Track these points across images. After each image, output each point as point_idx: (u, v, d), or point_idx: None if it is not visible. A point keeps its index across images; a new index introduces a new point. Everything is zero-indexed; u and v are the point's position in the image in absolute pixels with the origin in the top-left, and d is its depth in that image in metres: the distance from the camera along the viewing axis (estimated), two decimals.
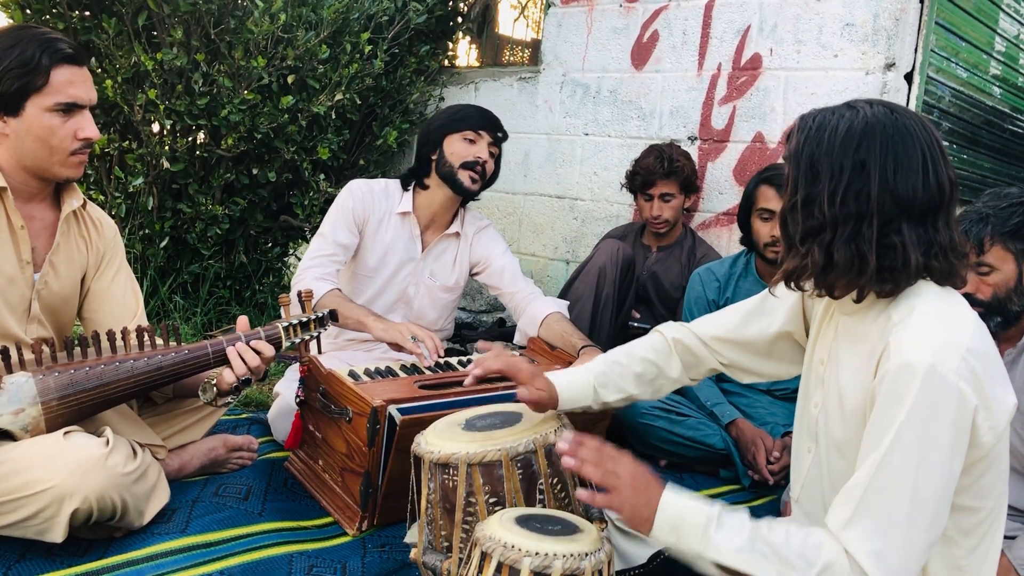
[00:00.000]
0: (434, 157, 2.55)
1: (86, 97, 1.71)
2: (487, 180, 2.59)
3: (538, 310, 2.50)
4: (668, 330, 1.68)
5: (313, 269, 2.42)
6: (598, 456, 1.33)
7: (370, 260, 2.57)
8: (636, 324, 2.98)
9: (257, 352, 1.81)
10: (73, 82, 1.68)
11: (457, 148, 2.52)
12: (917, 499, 1.16)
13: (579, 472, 1.33)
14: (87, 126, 1.71)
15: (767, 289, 1.59)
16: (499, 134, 2.59)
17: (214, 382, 1.82)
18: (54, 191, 1.83)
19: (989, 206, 1.80)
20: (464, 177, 2.51)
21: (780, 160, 2.91)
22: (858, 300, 1.28)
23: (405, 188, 2.62)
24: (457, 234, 2.66)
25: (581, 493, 1.32)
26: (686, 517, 1.26)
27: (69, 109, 1.68)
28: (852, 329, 1.35)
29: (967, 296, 1.79)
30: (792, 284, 1.34)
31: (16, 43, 1.63)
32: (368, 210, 2.55)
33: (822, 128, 1.27)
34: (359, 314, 2.33)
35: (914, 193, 1.21)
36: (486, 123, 2.55)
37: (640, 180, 2.99)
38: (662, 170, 2.93)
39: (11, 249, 1.72)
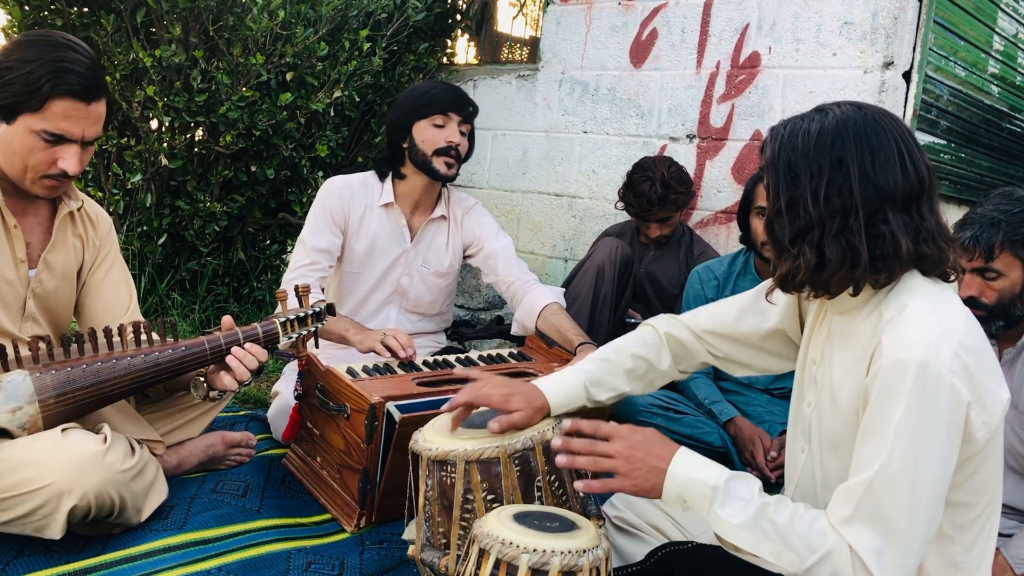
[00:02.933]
0: (405, 146, 2.49)
1: (78, 133, 1.66)
2: (463, 160, 2.52)
3: (535, 301, 2.47)
4: (660, 324, 1.68)
5: (294, 283, 2.40)
6: (589, 445, 1.34)
7: (356, 257, 2.53)
8: (633, 322, 2.98)
9: (252, 354, 1.81)
10: (69, 116, 1.63)
11: (428, 135, 2.44)
12: (915, 496, 1.16)
13: (574, 467, 1.35)
14: (69, 159, 1.67)
15: (761, 286, 1.59)
16: (469, 110, 2.50)
17: (203, 379, 1.82)
18: None
19: (1001, 210, 1.80)
20: (439, 164, 2.45)
21: None
22: (855, 293, 1.28)
23: (381, 179, 2.56)
24: (443, 216, 2.61)
25: (578, 484, 1.34)
26: (692, 489, 1.28)
27: (56, 139, 1.65)
28: (845, 328, 1.35)
29: (972, 300, 1.80)
30: (788, 288, 1.34)
31: (34, 59, 1.60)
32: (348, 206, 2.50)
33: (794, 134, 1.29)
34: (340, 328, 2.30)
35: (895, 182, 1.23)
36: (453, 103, 2.46)
37: (635, 211, 2.96)
38: (658, 199, 2.88)
39: (6, 248, 1.72)
